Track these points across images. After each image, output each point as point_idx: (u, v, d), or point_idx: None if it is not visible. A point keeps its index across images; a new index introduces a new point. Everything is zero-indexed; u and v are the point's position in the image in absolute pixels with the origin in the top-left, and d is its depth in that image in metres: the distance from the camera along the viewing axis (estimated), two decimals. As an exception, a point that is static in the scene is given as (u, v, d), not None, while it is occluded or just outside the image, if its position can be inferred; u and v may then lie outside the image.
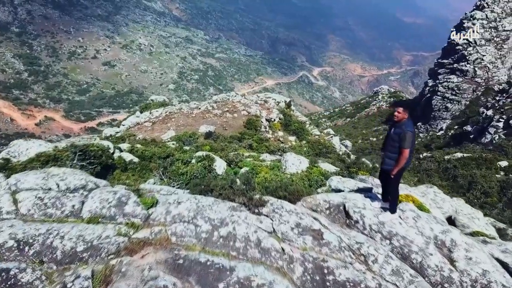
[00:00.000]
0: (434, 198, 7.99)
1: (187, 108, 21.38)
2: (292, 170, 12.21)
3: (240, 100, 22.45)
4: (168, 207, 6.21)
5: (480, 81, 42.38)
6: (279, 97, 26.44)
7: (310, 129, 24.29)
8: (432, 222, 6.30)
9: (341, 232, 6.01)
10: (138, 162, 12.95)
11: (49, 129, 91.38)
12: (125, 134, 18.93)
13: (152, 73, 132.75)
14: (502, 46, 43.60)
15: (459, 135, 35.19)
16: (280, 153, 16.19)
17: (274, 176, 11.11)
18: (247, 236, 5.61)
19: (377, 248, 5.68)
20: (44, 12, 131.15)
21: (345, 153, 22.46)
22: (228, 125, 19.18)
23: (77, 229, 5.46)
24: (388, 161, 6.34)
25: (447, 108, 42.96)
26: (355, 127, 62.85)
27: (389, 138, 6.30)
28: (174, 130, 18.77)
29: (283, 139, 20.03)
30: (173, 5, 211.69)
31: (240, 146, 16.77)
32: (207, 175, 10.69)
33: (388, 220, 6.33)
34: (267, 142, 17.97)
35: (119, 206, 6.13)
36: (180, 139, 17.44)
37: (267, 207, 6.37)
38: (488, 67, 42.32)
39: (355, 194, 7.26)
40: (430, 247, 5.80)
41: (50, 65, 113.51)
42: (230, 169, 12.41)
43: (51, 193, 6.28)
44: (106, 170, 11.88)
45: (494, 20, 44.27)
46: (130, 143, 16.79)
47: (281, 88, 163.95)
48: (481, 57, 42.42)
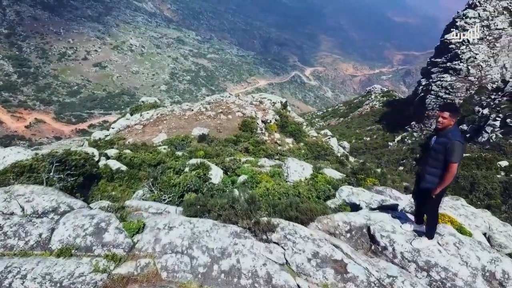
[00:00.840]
0: (465, 214, 6.97)
1: (179, 109, 20.32)
2: (295, 177, 11.29)
3: (235, 101, 21.44)
4: (158, 233, 5.14)
5: (473, 79, 42.05)
6: (275, 97, 25.38)
7: (307, 130, 23.42)
8: (478, 248, 5.25)
9: (368, 263, 4.95)
10: (126, 170, 11.84)
11: (39, 131, 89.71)
12: (114, 137, 17.93)
13: (144, 74, 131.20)
14: (494, 44, 43.32)
15: None
16: (278, 156, 15.19)
17: (276, 186, 10.17)
18: (255, 271, 4.59)
19: (414, 283, 4.64)
20: (33, 13, 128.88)
21: (343, 154, 21.66)
22: (223, 127, 18.19)
23: (44, 265, 4.40)
24: (429, 178, 5.08)
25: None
26: (348, 126, 62.33)
27: (430, 150, 5.11)
28: (166, 133, 17.72)
29: (280, 141, 19.12)
30: (164, 5, 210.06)
31: (236, 150, 15.74)
32: (202, 186, 9.73)
33: (425, 247, 5.24)
34: (264, 145, 16.97)
35: (97, 234, 5.03)
36: (172, 143, 16.34)
37: (278, 233, 5.28)
38: (481, 66, 42.01)
39: (380, 214, 6.17)
40: (477, 280, 4.77)
41: (40, 67, 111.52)
42: (227, 178, 11.40)
43: (14, 218, 5.14)
44: (90, 180, 10.75)
45: (487, 18, 44.00)
46: (119, 148, 15.78)
47: (273, 88, 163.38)
48: (474, 55, 42.07)
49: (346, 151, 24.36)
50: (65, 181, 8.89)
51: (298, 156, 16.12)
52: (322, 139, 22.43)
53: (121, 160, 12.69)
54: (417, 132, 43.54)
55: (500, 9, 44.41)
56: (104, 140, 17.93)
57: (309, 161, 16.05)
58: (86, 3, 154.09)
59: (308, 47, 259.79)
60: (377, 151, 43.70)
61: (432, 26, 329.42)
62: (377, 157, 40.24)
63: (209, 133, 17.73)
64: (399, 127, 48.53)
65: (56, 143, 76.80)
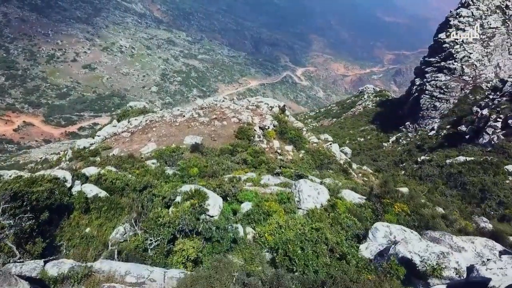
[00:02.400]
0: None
1: (170, 115, 19.02)
2: (309, 204, 9.55)
3: (230, 106, 20.24)
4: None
5: (467, 79, 41.70)
6: (272, 101, 23.72)
7: (308, 136, 22.01)
8: None
9: None
10: (106, 197, 9.87)
11: (28, 134, 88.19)
12: (99, 146, 16.30)
13: (134, 76, 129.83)
14: (488, 43, 43.07)
15: (453, 136, 33.90)
16: (280, 169, 14.02)
17: (291, 220, 8.41)
18: None
19: None
20: (20, 15, 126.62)
21: (346, 162, 20.42)
22: (217, 134, 16.96)
23: None
24: None
25: (435, 106, 42.19)
26: (341, 127, 61.90)
27: None
28: (156, 141, 16.25)
29: (280, 149, 17.81)
30: (154, 6, 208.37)
31: (233, 162, 14.34)
32: (198, 224, 7.79)
33: None
34: (263, 155, 15.63)
35: None
36: (162, 156, 14.76)
37: None
38: (475, 65, 41.66)
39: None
40: None
41: (28, 69, 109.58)
42: (227, 206, 9.64)
43: None
44: (60, 213, 8.65)
45: (480, 17, 43.86)
46: (102, 163, 13.96)
47: (265, 88, 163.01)
48: (468, 55, 41.72)
49: (348, 157, 23.28)
50: (22, 223, 6.84)
51: (302, 168, 14.91)
52: (323, 145, 21.12)
53: (101, 184, 10.88)
54: (412, 132, 43.13)
55: (493, 7, 44.21)
56: (89, 150, 16.43)
57: (314, 173, 14.99)
58: (74, 4, 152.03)
59: (299, 47, 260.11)
60: (372, 152, 43.17)
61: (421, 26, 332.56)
62: (372, 158, 39.73)
63: (202, 141, 16.36)
64: (393, 127, 48.12)
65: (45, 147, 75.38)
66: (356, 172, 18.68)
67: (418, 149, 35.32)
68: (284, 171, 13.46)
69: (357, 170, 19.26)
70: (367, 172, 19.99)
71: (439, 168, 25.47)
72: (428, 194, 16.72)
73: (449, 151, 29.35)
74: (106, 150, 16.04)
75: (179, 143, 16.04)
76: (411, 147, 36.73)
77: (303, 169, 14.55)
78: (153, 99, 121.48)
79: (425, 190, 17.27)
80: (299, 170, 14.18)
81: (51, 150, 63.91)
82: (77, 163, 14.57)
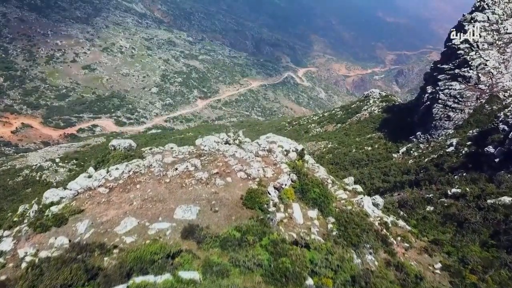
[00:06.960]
0: None
1: (159, 165, 13.75)
2: None
3: (235, 153, 16.25)
4: None
5: (484, 88, 39.89)
6: (287, 142, 19.21)
7: (334, 190, 17.12)
8: None
9: None
10: None
11: (26, 136, 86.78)
12: (67, 208, 11.19)
13: (134, 77, 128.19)
14: (505, 49, 41.21)
15: (477, 156, 30.17)
16: (312, 281, 9.78)
17: None
18: None
19: None
20: (20, 15, 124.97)
21: (381, 222, 15.90)
22: (219, 200, 12.93)
23: None
24: None
25: (449, 117, 40.27)
26: (347, 134, 60.05)
27: None
28: (137, 211, 12.20)
29: (303, 220, 13.70)
30: (155, 6, 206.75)
31: (242, 266, 9.58)
32: None
33: None
34: (286, 253, 10.71)
35: None
36: (141, 260, 9.27)
37: None
38: (492, 73, 39.81)
39: None
40: None
41: (27, 70, 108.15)
42: None
43: None
44: None
45: (496, 22, 41.99)
46: (54, 261, 9.01)
47: (266, 89, 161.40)
48: (484, 62, 39.85)
49: (379, 209, 16.97)
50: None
51: (344, 272, 10.84)
52: (352, 201, 16.68)
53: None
54: (424, 143, 41.16)
55: (509, 11, 42.26)
56: (52, 215, 11.32)
57: (353, 264, 11.52)
58: (74, 4, 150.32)
59: (300, 48, 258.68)
60: (381, 163, 41.13)
61: (422, 26, 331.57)
62: (382, 171, 37.76)
63: (199, 213, 12.20)
64: (402, 136, 46.12)
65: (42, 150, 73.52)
66: (394, 234, 15.30)
67: (436, 167, 32.64)
68: (317, 282, 9.56)
69: (393, 230, 15.55)
70: (406, 233, 15.88)
71: (478, 210, 19.35)
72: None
73: (489, 186, 22.19)
74: (74, 216, 11.32)
75: (168, 216, 12.05)
76: (428, 165, 33.82)
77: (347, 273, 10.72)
78: (153, 100, 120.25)
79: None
80: (341, 274, 10.59)
81: (48, 155, 62.51)
82: (34, 236, 11.21)
